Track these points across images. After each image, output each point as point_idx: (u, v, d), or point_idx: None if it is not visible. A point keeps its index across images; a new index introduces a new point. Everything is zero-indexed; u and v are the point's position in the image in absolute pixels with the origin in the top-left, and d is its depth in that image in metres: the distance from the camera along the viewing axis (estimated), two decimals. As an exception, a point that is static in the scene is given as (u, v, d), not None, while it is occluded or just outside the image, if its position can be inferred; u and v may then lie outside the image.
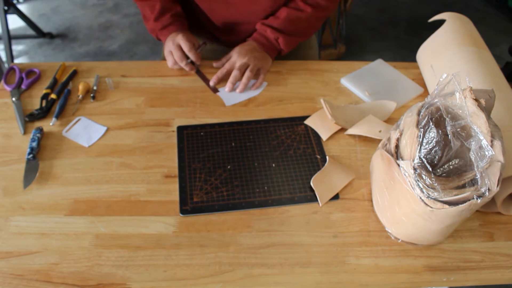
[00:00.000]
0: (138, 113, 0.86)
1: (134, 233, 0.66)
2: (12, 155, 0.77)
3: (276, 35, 0.94)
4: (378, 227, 0.68)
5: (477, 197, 0.52)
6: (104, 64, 0.98)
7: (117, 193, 0.71)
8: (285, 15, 0.93)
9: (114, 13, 2.72)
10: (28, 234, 0.65)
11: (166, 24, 0.95)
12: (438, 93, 0.58)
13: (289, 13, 0.93)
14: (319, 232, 0.67)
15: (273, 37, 0.95)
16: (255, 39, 0.96)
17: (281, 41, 0.95)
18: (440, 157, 0.56)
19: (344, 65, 1.00)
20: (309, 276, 0.62)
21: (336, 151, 0.80)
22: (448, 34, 0.89)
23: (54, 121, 0.83)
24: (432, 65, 0.88)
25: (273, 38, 0.95)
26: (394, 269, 0.63)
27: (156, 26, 0.96)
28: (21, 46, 2.44)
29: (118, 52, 2.42)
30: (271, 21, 0.95)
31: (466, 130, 0.55)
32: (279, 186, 0.73)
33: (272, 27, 0.94)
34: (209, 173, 0.75)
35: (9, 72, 0.95)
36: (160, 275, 0.61)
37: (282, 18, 0.93)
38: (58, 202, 0.70)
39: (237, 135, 0.82)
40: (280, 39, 0.95)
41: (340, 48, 2.33)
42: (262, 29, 0.96)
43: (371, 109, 0.88)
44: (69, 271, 0.61)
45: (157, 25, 0.95)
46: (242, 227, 0.67)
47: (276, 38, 0.95)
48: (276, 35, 0.94)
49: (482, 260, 0.65)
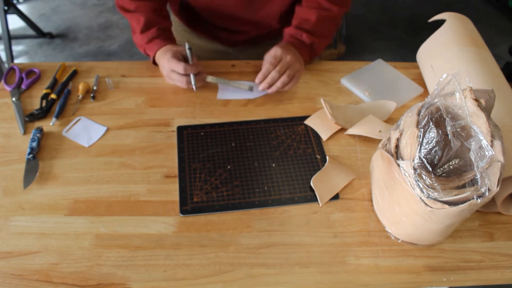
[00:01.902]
0: (138, 113, 0.86)
1: (134, 233, 0.66)
2: (12, 155, 0.77)
3: (312, 40, 0.92)
4: (378, 227, 0.68)
5: (477, 197, 0.52)
6: (104, 64, 0.98)
7: (117, 193, 0.71)
8: (315, 17, 0.91)
9: (114, 13, 2.72)
10: (28, 234, 0.65)
11: (151, 37, 0.91)
12: (438, 93, 0.58)
13: (319, 14, 0.91)
14: (319, 232, 0.67)
15: (309, 42, 0.92)
16: (290, 42, 0.92)
17: (316, 46, 0.93)
18: (440, 157, 0.56)
19: (344, 65, 1.00)
20: (309, 276, 0.62)
21: (336, 151, 0.80)
22: (448, 34, 0.89)
23: (54, 121, 0.83)
24: (432, 65, 0.88)
25: (309, 43, 0.92)
26: (394, 269, 0.63)
27: (142, 39, 0.92)
28: (21, 46, 2.44)
29: (118, 52, 2.42)
30: (303, 25, 0.92)
31: (466, 130, 0.55)
32: (279, 186, 0.73)
33: (307, 31, 0.92)
34: (209, 173, 0.75)
35: (9, 72, 0.95)
36: (160, 275, 0.61)
37: (313, 20, 0.91)
38: (58, 202, 0.70)
39: (237, 135, 0.82)
40: (316, 44, 0.93)
41: (340, 48, 2.33)
42: (297, 33, 0.93)
43: (371, 109, 0.88)
44: (69, 271, 0.61)
45: (143, 38, 0.92)
46: (242, 227, 0.67)
47: (311, 42, 0.92)
48: (312, 39, 0.92)
49: (482, 260, 0.65)
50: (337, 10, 0.92)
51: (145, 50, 0.94)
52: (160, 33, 0.92)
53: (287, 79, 0.87)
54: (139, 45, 0.95)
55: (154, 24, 0.92)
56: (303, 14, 0.93)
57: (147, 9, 0.92)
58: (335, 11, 0.92)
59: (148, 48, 0.93)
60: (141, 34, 0.92)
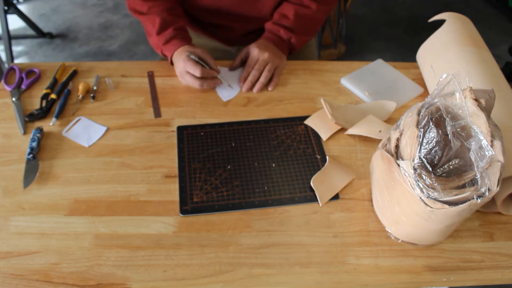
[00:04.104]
0: (138, 113, 0.86)
1: (134, 233, 0.66)
2: (12, 155, 0.77)
3: (289, 35, 0.95)
4: (378, 227, 0.68)
5: (477, 197, 0.52)
6: (104, 64, 0.98)
7: (117, 193, 0.71)
8: (293, 13, 0.93)
9: (114, 13, 2.72)
10: (28, 234, 0.65)
11: (169, 38, 0.92)
12: (438, 93, 0.58)
13: (297, 10, 0.94)
14: (319, 232, 0.67)
15: (286, 37, 0.96)
16: (269, 38, 0.96)
17: (293, 41, 0.96)
18: (440, 157, 0.56)
19: (344, 65, 1.00)
20: (309, 276, 0.62)
21: (336, 151, 0.80)
22: (448, 34, 0.89)
23: (54, 121, 0.83)
24: (432, 65, 0.88)
25: (286, 38, 0.96)
26: (394, 269, 0.63)
27: (159, 40, 0.92)
28: (21, 46, 2.44)
29: (118, 52, 2.42)
30: (282, 21, 0.95)
31: (466, 130, 0.55)
32: (279, 186, 0.73)
33: (285, 27, 0.95)
34: (209, 173, 0.75)
35: (9, 72, 0.95)
36: (160, 275, 0.61)
37: (291, 16, 0.94)
38: (58, 202, 0.70)
39: (237, 135, 0.82)
40: (293, 39, 0.96)
41: (340, 48, 2.33)
42: (275, 29, 0.96)
43: (371, 109, 0.88)
44: (69, 271, 0.61)
45: (160, 39, 0.92)
46: (242, 227, 0.67)
47: (289, 38, 0.96)
48: (289, 35, 0.95)
49: (482, 260, 0.65)
50: (316, 7, 0.94)
51: (162, 51, 0.94)
52: (176, 33, 0.92)
53: (268, 73, 0.91)
54: (155, 46, 0.95)
55: (170, 24, 0.92)
56: (283, 9, 0.96)
57: (161, 9, 0.91)
58: (313, 9, 0.94)
59: (166, 49, 0.93)
60: (157, 35, 0.92)
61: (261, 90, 0.92)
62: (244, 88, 0.91)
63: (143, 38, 2.51)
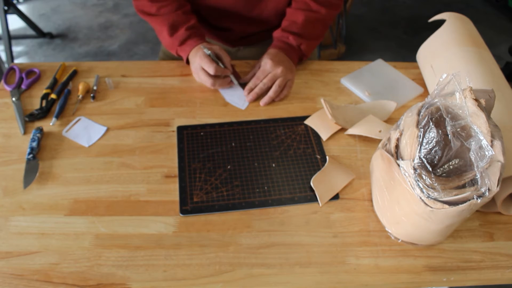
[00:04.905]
0: (138, 113, 0.86)
1: (134, 233, 0.66)
2: (12, 155, 0.77)
3: (298, 42, 0.92)
4: (378, 227, 0.68)
5: (477, 197, 0.52)
6: (104, 64, 0.98)
7: (117, 193, 0.71)
8: (302, 18, 0.91)
9: (114, 13, 2.72)
10: (28, 234, 0.65)
11: (183, 39, 0.90)
12: (438, 93, 0.58)
13: (306, 15, 0.91)
14: (319, 232, 0.67)
15: (296, 44, 0.93)
16: (279, 47, 0.93)
17: (303, 47, 0.93)
18: (440, 157, 0.56)
19: (344, 65, 1.00)
20: (309, 276, 0.62)
21: (336, 151, 0.80)
22: (448, 34, 0.89)
23: (54, 121, 0.83)
24: (432, 65, 0.88)
25: (296, 45, 0.93)
26: (394, 269, 0.63)
27: (173, 42, 0.91)
28: (21, 46, 2.44)
29: (118, 52, 2.42)
30: (291, 27, 0.93)
31: (466, 130, 0.55)
32: (279, 186, 0.73)
33: (294, 33, 0.92)
34: (209, 173, 0.75)
35: (9, 72, 0.95)
36: (160, 275, 0.61)
37: (300, 22, 0.92)
38: (58, 202, 0.70)
39: (237, 135, 0.82)
40: (303, 46, 0.93)
41: (340, 48, 2.33)
42: (284, 36, 0.93)
43: (371, 109, 0.88)
44: (69, 271, 0.61)
45: (174, 41, 0.91)
46: (242, 227, 0.67)
47: (299, 44, 0.93)
48: (299, 41, 0.92)
49: (482, 260, 0.65)
50: (325, 12, 0.92)
51: (178, 52, 0.93)
52: (190, 33, 0.91)
53: (278, 89, 0.88)
54: (169, 47, 0.94)
55: (181, 24, 0.91)
56: (291, 16, 0.94)
57: (170, 9, 0.90)
58: (323, 13, 0.92)
59: (181, 50, 0.92)
60: (170, 37, 0.91)
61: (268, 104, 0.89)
62: (248, 98, 0.89)
63: (143, 38, 2.52)
